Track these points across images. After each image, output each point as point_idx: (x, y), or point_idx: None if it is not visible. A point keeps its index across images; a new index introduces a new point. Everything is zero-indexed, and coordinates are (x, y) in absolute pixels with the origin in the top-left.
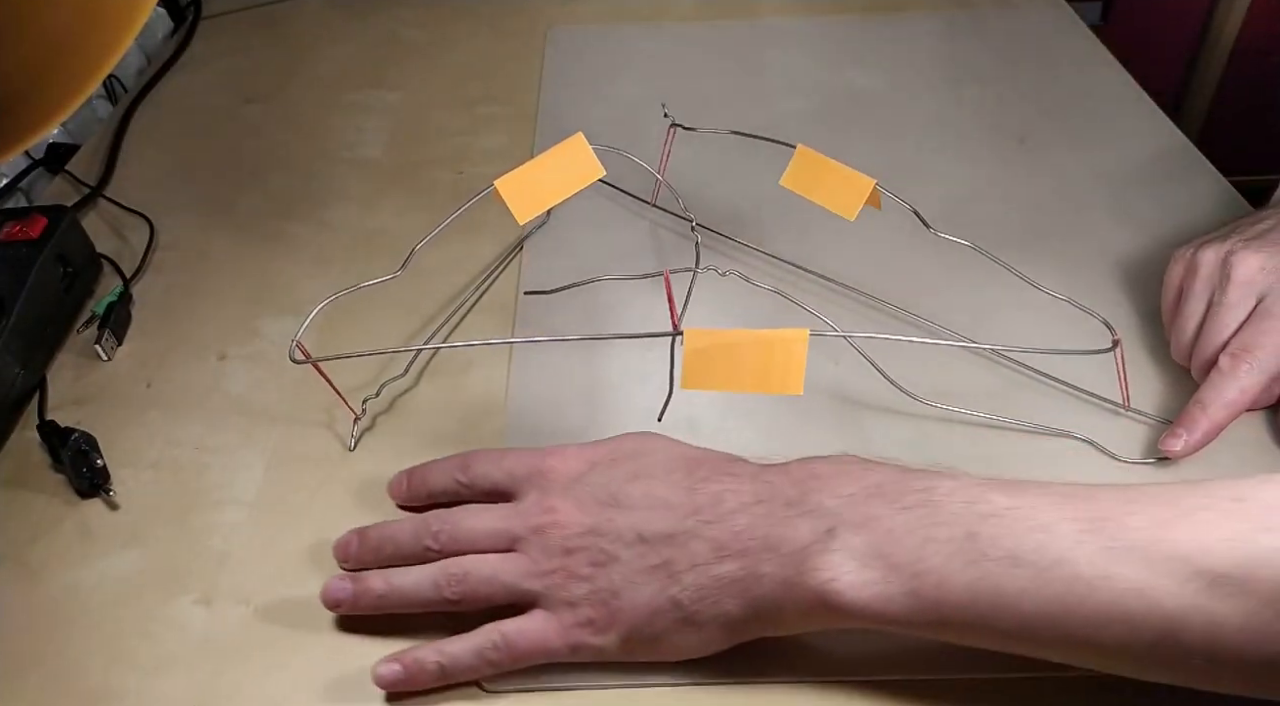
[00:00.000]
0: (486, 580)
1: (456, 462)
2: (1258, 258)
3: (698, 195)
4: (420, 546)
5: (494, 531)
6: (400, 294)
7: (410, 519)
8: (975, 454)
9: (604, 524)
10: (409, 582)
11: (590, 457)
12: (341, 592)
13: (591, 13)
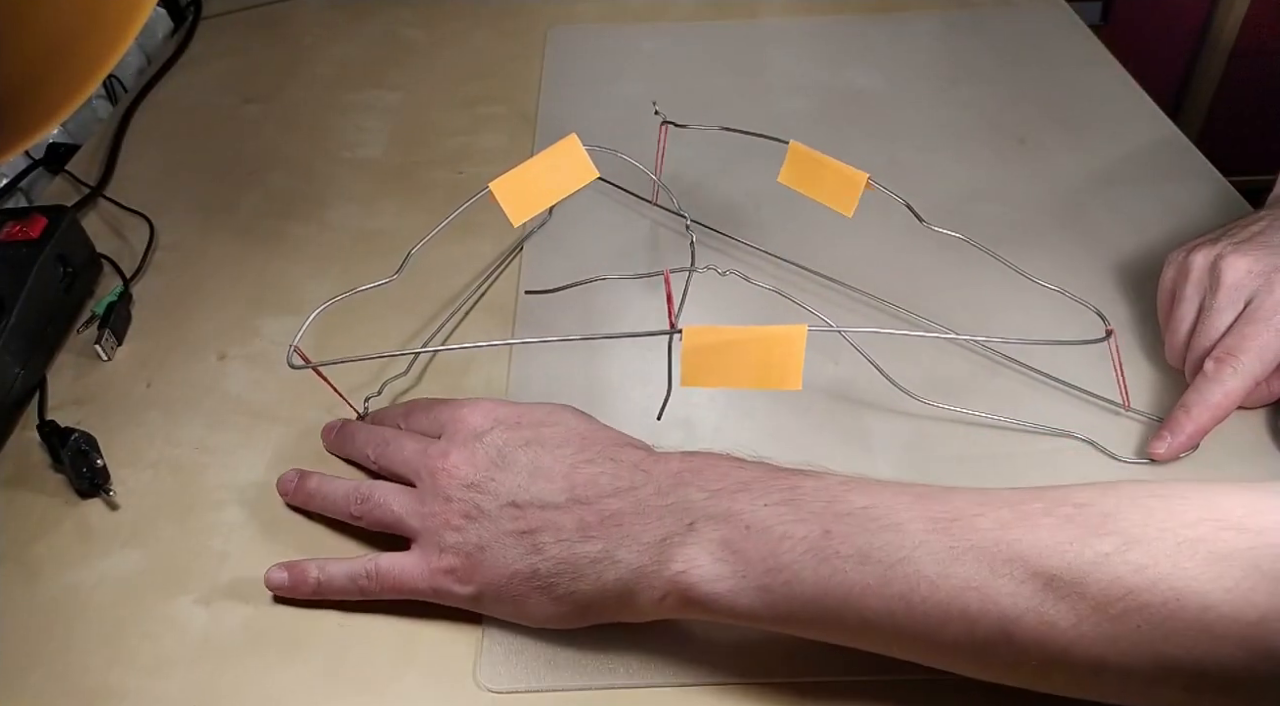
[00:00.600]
0: (381, 505)
1: (403, 409)
2: (1245, 260)
3: (696, 194)
4: (363, 453)
5: (405, 463)
6: (401, 294)
7: (372, 427)
8: (975, 453)
9: (485, 481)
10: (331, 489)
11: (497, 416)
12: (289, 483)
13: (591, 13)
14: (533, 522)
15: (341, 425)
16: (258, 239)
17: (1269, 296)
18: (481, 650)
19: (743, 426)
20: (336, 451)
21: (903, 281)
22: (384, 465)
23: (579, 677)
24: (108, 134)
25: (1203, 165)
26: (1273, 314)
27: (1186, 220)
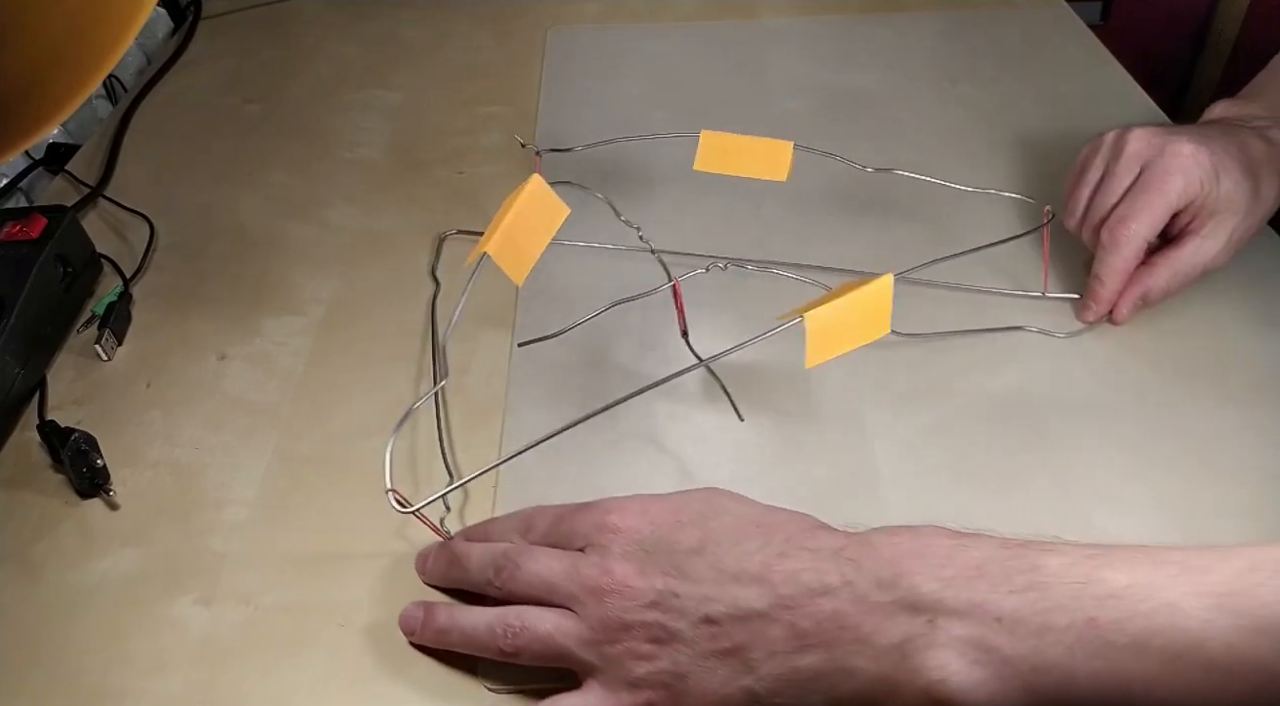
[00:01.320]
0: (542, 638)
1: (518, 521)
2: (1147, 133)
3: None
4: (484, 578)
5: (552, 584)
6: (401, 294)
7: (486, 545)
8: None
9: (666, 597)
10: (468, 622)
11: (652, 516)
12: (413, 620)
13: (591, 13)
14: (736, 638)
15: (438, 549)
16: (258, 239)
17: (1160, 163)
18: None
19: (743, 426)
20: (441, 581)
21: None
22: (517, 590)
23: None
24: (108, 134)
25: None
26: (1163, 179)
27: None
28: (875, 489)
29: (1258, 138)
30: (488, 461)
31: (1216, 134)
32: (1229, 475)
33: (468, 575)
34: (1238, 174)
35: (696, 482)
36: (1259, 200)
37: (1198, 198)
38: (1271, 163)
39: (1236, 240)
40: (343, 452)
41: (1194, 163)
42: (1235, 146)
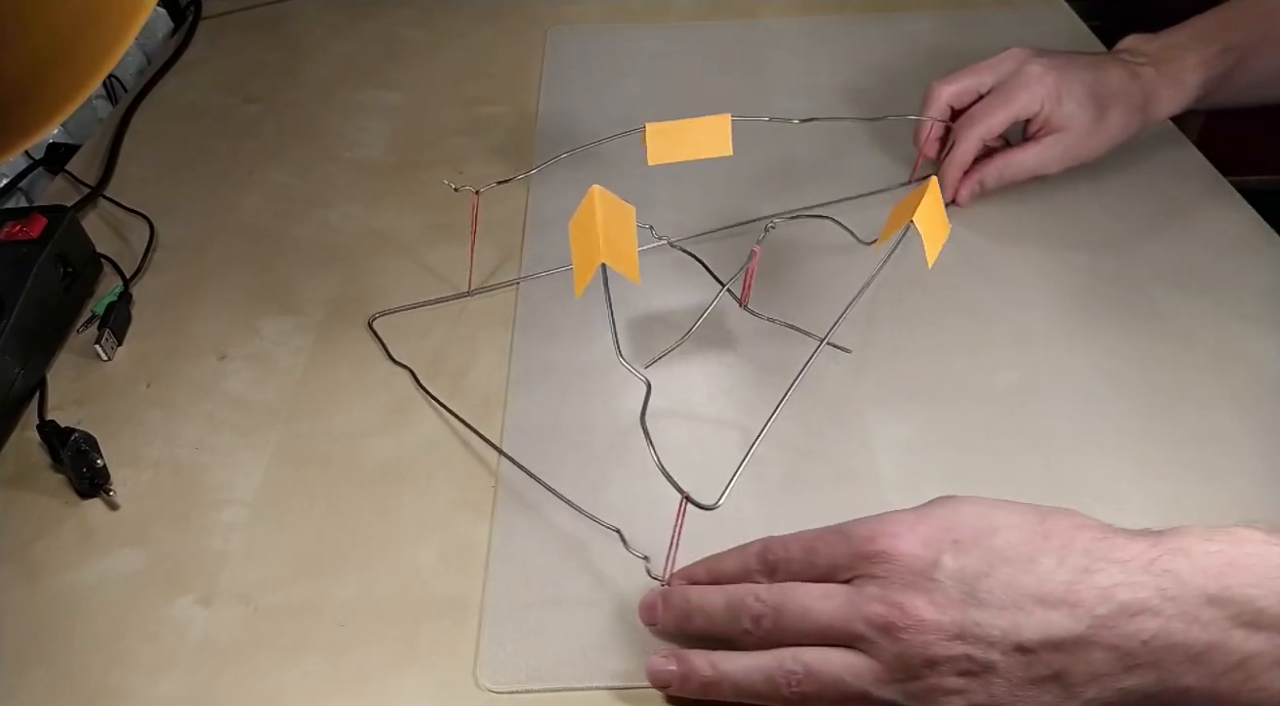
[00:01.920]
0: (833, 684)
1: (752, 559)
2: (1024, 52)
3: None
4: (738, 628)
5: (828, 625)
6: (402, 293)
7: (723, 590)
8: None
9: (970, 627)
10: (739, 672)
11: (924, 539)
12: (667, 675)
13: (591, 13)
14: (1055, 665)
15: (664, 597)
16: (258, 239)
17: (1014, 79)
18: (481, 650)
19: (743, 425)
20: (683, 632)
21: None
22: (784, 635)
23: (579, 677)
24: (108, 134)
25: (1203, 165)
26: (1010, 92)
27: (1186, 220)
28: (876, 489)
29: (1124, 71)
30: (489, 462)
31: (1084, 63)
32: (1229, 475)
33: (713, 624)
34: (1082, 98)
35: (696, 481)
36: (1102, 126)
37: (1040, 112)
38: (1127, 96)
39: (1070, 156)
40: (343, 452)
41: (1039, 83)
42: (1092, 76)
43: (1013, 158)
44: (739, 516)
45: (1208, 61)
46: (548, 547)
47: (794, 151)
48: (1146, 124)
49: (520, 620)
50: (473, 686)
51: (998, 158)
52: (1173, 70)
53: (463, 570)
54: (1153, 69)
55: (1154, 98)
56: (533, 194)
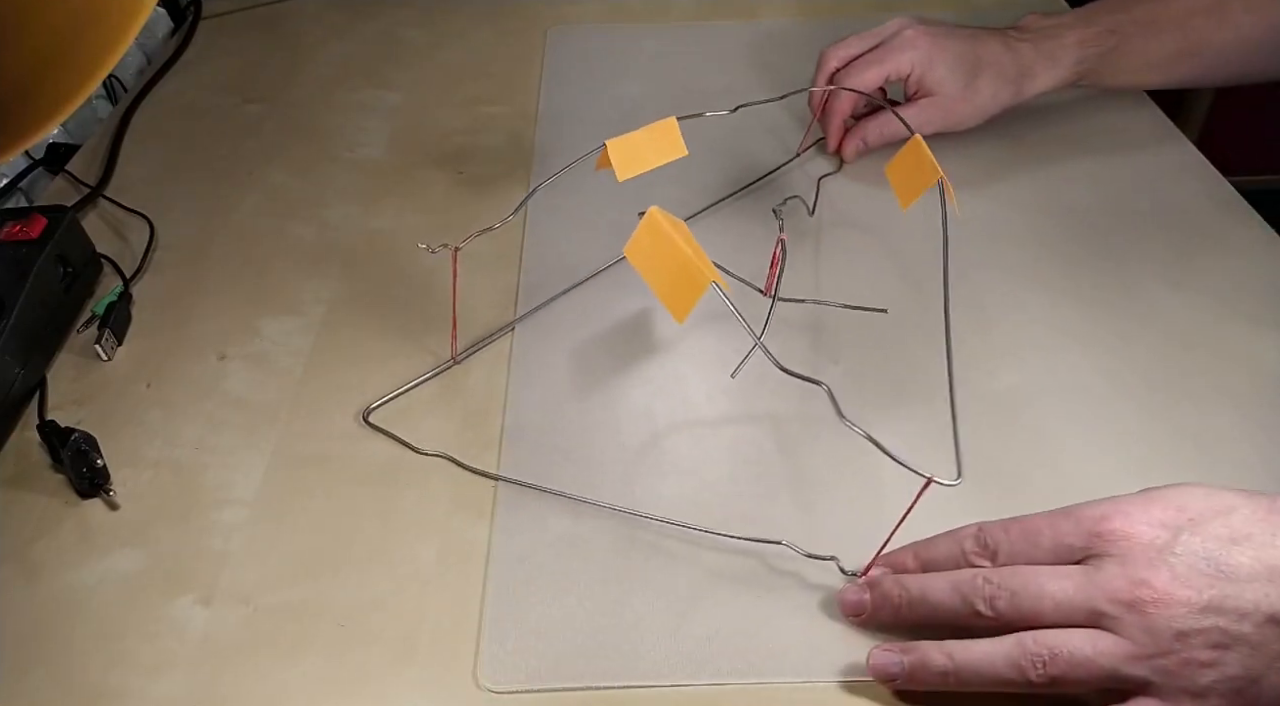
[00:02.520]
0: (1082, 664)
1: (969, 543)
2: (906, 19)
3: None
4: (969, 611)
5: (1069, 603)
6: (401, 294)
7: (945, 575)
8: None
9: (1218, 600)
10: (979, 658)
11: (1158, 519)
12: (895, 667)
13: (591, 13)
14: None
15: (876, 585)
16: (258, 239)
17: (891, 42)
18: (481, 650)
19: (743, 425)
20: (899, 618)
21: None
22: (1019, 616)
23: (579, 677)
24: (108, 134)
25: (1203, 165)
26: (885, 55)
27: (1186, 220)
28: (876, 488)
29: (1000, 44)
30: (487, 463)
31: (962, 33)
32: (1229, 475)
33: (938, 611)
34: (953, 65)
35: (696, 482)
36: (972, 92)
37: (912, 74)
38: (999, 67)
39: (942, 119)
40: (343, 452)
41: (913, 46)
42: (967, 45)
43: (888, 118)
44: (738, 515)
45: (1086, 40)
46: (548, 547)
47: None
48: (1020, 95)
49: (520, 620)
50: (473, 686)
51: (879, 117)
52: (1050, 47)
53: (463, 570)
54: (1030, 45)
55: (1028, 71)
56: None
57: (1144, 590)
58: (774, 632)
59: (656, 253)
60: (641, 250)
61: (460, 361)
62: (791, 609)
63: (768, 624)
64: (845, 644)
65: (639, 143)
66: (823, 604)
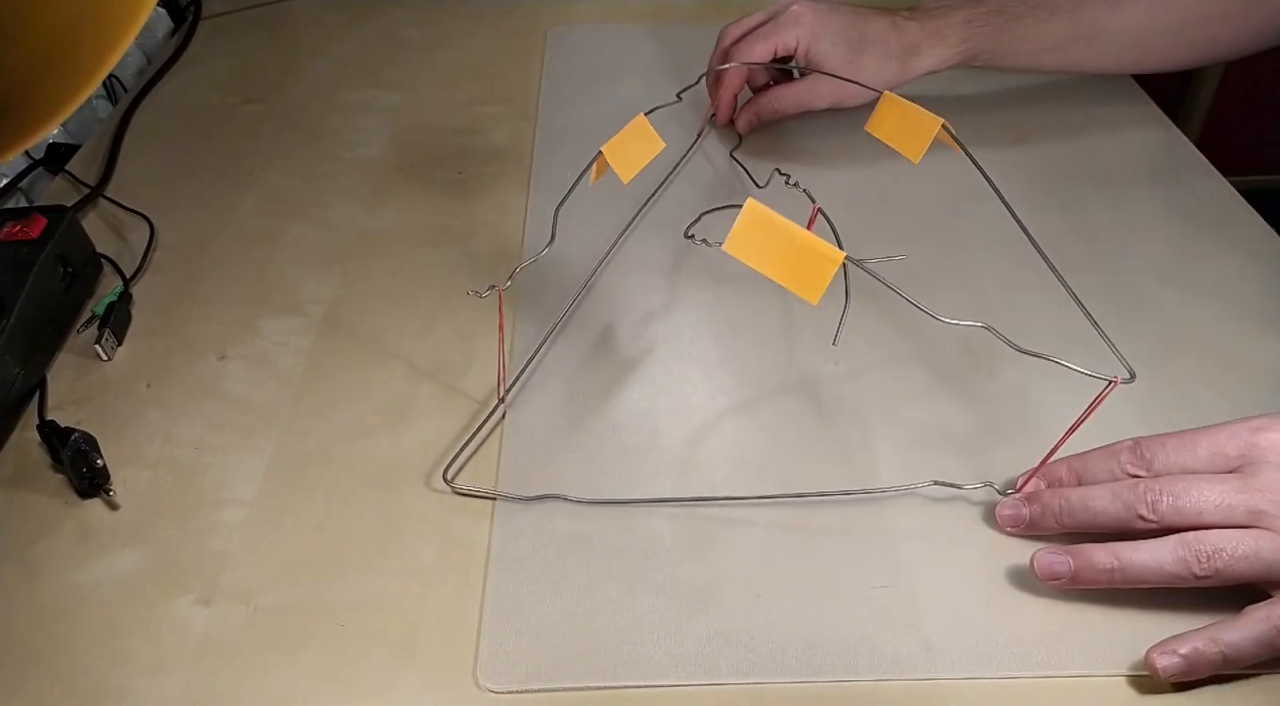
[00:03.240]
0: (1244, 558)
1: (1125, 455)
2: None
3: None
4: (1131, 515)
5: (1228, 505)
6: (401, 294)
7: (1102, 485)
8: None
9: None
10: (1143, 557)
11: None
12: (1061, 567)
13: (591, 13)
14: None
15: (1035, 496)
16: (258, 239)
17: (778, 19)
18: (481, 650)
19: (742, 425)
20: (1061, 525)
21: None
22: (1180, 518)
23: (579, 677)
24: (108, 134)
25: (1203, 165)
26: (771, 31)
27: (1186, 220)
28: (876, 492)
29: (886, 22)
30: (488, 462)
31: (849, 11)
32: None
33: (1099, 516)
34: (838, 41)
35: (697, 482)
36: (857, 68)
37: (798, 49)
38: (884, 44)
39: (828, 93)
40: (343, 452)
41: (798, 22)
42: (855, 23)
43: (778, 92)
44: (737, 516)
45: (974, 19)
46: (548, 547)
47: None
48: (906, 72)
49: (520, 620)
50: (473, 686)
51: (770, 92)
52: (936, 25)
53: (463, 570)
54: (917, 24)
55: (914, 49)
56: (531, 201)
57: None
58: (774, 632)
59: (761, 242)
60: (746, 243)
61: (508, 402)
62: (792, 609)
63: (768, 624)
64: (846, 644)
65: (626, 143)
66: (823, 604)
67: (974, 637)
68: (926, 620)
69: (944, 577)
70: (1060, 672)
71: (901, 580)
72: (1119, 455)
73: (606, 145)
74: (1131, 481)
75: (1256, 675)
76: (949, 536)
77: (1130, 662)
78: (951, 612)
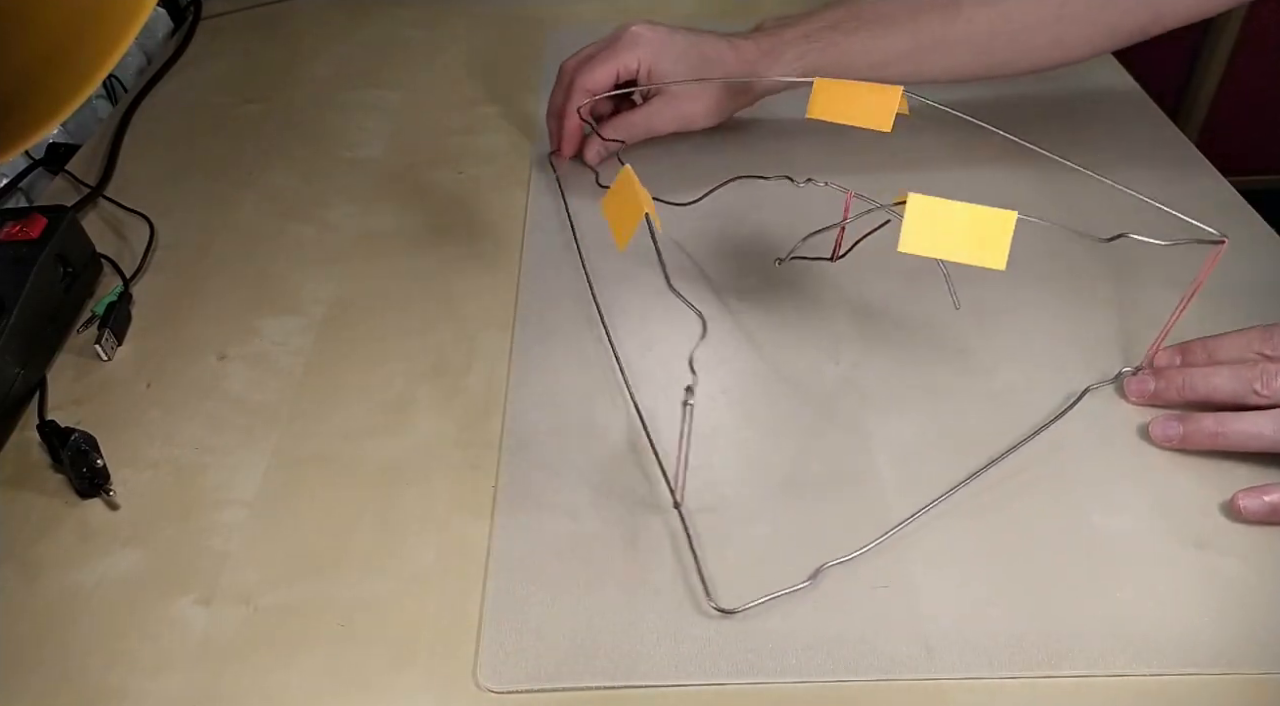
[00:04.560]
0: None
1: (1255, 337)
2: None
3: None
4: (1246, 389)
5: None
6: (401, 294)
7: (1223, 366)
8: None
9: None
10: (1245, 424)
11: None
12: (1172, 430)
13: (591, 13)
14: None
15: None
16: (258, 239)
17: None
18: (481, 650)
19: (742, 425)
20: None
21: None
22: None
23: (579, 677)
24: (108, 134)
25: (1203, 165)
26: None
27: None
28: (876, 488)
29: (723, 43)
30: (487, 460)
31: (688, 32)
32: (1229, 475)
33: (1217, 391)
34: (680, 61)
35: (697, 480)
36: (699, 89)
37: (640, 70)
38: (724, 65)
39: (676, 117)
40: (343, 452)
41: (638, 44)
42: (694, 44)
43: (626, 117)
44: (737, 516)
45: (810, 35)
46: (548, 547)
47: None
48: (748, 93)
49: (520, 620)
50: (473, 686)
51: (616, 118)
52: (770, 44)
53: (463, 570)
54: (753, 43)
55: (752, 70)
56: (531, 194)
57: None
58: (774, 632)
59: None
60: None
61: (680, 504)
62: (792, 609)
63: (768, 624)
64: (846, 644)
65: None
66: (824, 604)
67: (974, 637)
68: (926, 620)
69: (944, 577)
70: (1060, 672)
71: (901, 580)
72: (1249, 335)
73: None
74: (1252, 361)
75: (1256, 675)
76: (949, 537)
77: (1130, 663)
78: (951, 612)
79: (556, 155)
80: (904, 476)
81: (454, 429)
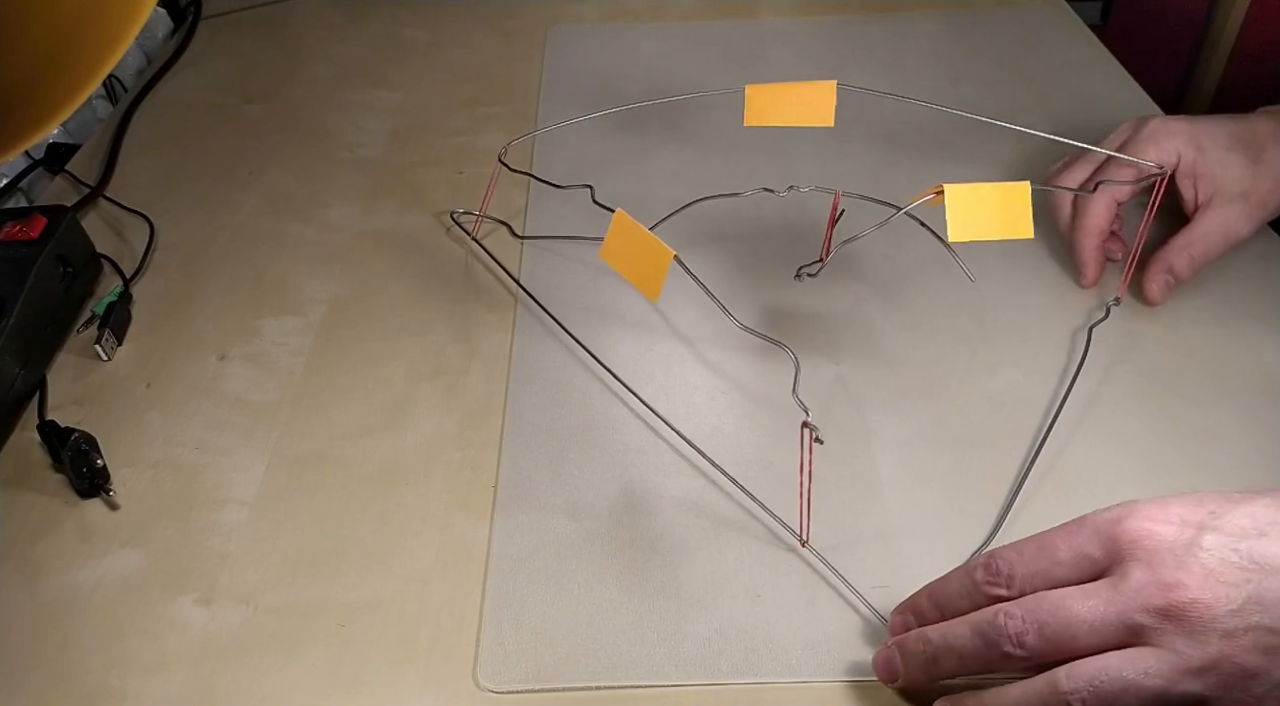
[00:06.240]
0: (1129, 688)
1: (979, 573)
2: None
3: None
4: (996, 654)
5: (1101, 623)
6: (401, 294)
7: (963, 620)
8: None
9: (1259, 594)
10: (1013, 701)
11: (1180, 515)
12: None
13: (591, 13)
14: None
15: (903, 644)
16: (258, 239)
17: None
18: (481, 650)
19: (742, 425)
20: (931, 676)
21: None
22: (1053, 649)
23: (578, 677)
24: (108, 134)
25: None
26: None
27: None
28: (876, 488)
29: (1265, 118)
30: (487, 460)
31: (1216, 117)
32: (1229, 475)
33: (966, 660)
34: (1227, 143)
35: (698, 480)
36: (1263, 168)
37: (1180, 165)
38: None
39: (1251, 210)
40: (343, 452)
41: (1169, 135)
42: (1231, 123)
43: (1194, 232)
44: (738, 516)
45: None
46: (548, 547)
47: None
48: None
49: (520, 620)
50: (473, 686)
51: (1175, 239)
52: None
53: (462, 570)
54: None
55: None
56: (534, 187)
57: (1178, 593)
58: (774, 633)
59: (981, 209)
60: (965, 222)
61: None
62: (792, 609)
63: (768, 624)
64: (846, 644)
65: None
66: (823, 604)
67: None
68: None
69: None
70: None
71: (901, 580)
72: (974, 573)
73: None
74: (992, 611)
75: None
76: (949, 537)
77: None
78: None
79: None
80: (904, 475)
81: (454, 429)
